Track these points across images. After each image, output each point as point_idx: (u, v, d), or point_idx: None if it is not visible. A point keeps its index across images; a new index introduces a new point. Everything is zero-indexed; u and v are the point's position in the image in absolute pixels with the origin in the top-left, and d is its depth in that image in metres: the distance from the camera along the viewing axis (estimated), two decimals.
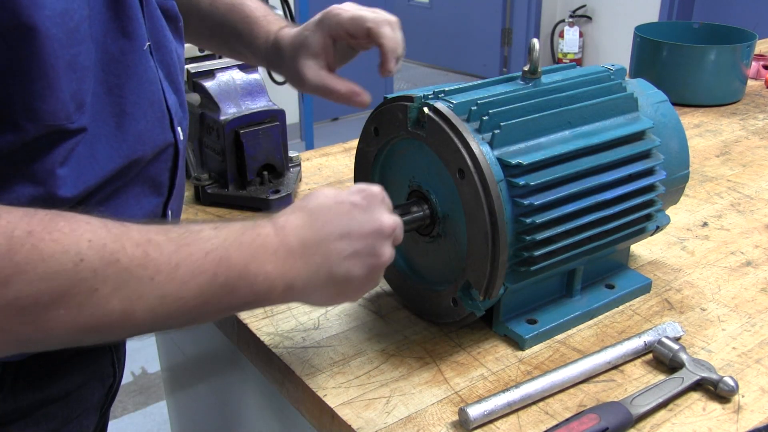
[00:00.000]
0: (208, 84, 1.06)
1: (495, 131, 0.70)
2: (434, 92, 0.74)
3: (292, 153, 1.14)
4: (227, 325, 0.86)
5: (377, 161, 0.83)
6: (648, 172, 0.81)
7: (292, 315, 0.82)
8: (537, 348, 0.77)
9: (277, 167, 1.08)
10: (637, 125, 0.80)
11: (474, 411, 0.65)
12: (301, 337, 0.78)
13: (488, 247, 0.69)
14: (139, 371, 2.32)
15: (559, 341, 0.78)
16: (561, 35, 4.99)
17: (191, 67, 1.07)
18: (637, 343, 0.75)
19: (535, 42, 0.76)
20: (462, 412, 0.66)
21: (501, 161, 0.70)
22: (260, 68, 1.10)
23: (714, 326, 0.81)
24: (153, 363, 2.32)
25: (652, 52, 1.56)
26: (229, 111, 1.04)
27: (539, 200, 0.70)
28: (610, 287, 0.85)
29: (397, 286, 0.85)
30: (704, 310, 0.84)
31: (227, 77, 1.08)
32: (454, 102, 0.72)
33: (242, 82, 1.08)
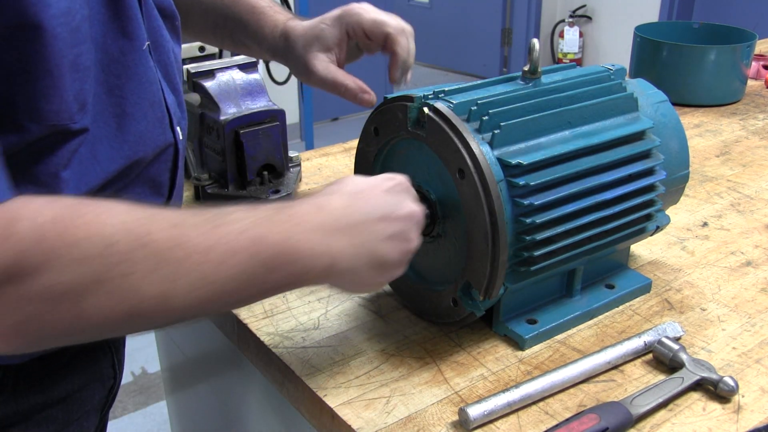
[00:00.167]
0: (208, 84, 1.06)
1: (495, 131, 0.70)
2: (434, 92, 0.74)
3: (292, 153, 1.14)
4: (227, 325, 0.86)
5: (377, 161, 0.83)
6: (648, 172, 0.81)
7: (292, 315, 0.82)
8: (537, 348, 0.77)
9: (277, 167, 1.08)
10: (637, 125, 0.80)
11: (474, 411, 0.65)
12: (301, 337, 0.78)
13: (488, 247, 0.69)
14: (139, 371, 2.32)
15: (559, 341, 0.78)
16: (561, 35, 5.00)
17: (191, 67, 1.07)
18: (637, 343, 0.75)
19: (535, 42, 0.76)
20: (462, 412, 0.66)
21: (501, 161, 0.70)
22: (260, 68, 1.11)
23: (714, 326, 0.81)
24: (153, 363, 2.32)
25: (652, 52, 1.55)
26: (229, 111, 1.04)
27: (539, 200, 0.71)
28: (610, 287, 0.85)
29: (397, 286, 0.85)
30: (704, 310, 0.84)
31: (227, 77, 1.08)
32: (454, 102, 0.72)
33: (242, 82, 1.08)
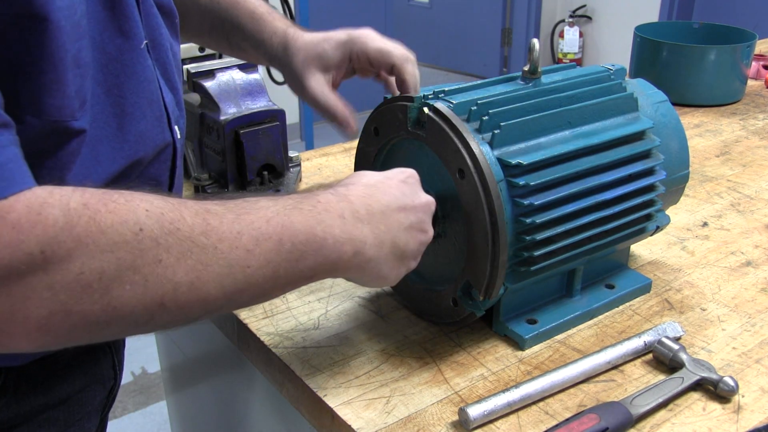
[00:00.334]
0: (208, 84, 1.06)
1: (495, 131, 0.70)
2: (434, 92, 0.74)
3: (292, 153, 1.14)
4: (227, 325, 0.86)
5: (377, 161, 0.83)
6: (648, 172, 0.81)
7: (292, 315, 0.82)
8: (537, 348, 0.77)
9: (277, 167, 1.08)
10: (637, 125, 0.80)
11: (474, 411, 0.65)
12: (301, 337, 0.78)
13: (488, 247, 0.69)
14: (139, 371, 2.32)
15: (559, 341, 0.78)
16: (561, 35, 5.00)
17: (191, 67, 1.07)
18: (637, 343, 0.75)
19: (535, 42, 0.76)
20: (462, 412, 0.66)
21: (501, 161, 0.70)
22: (260, 68, 1.10)
23: (714, 326, 0.81)
24: (153, 363, 2.32)
25: (652, 52, 1.56)
26: (229, 111, 1.04)
27: (539, 200, 0.71)
28: (610, 287, 0.85)
29: (397, 286, 0.85)
30: (704, 310, 0.84)
31: (227, 77, 1.08)
32: (454, 102, 0.72)
33: (242, 82, 1.08)
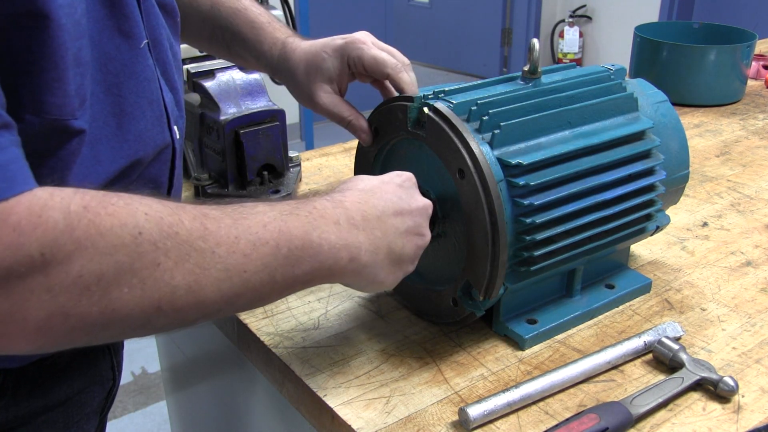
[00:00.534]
0: (208, 84, 1.06)
1: (495, 131, 0.70)
2: (434, 92, 0.74)
3: (292, 153, 1.14)
4: (227, 325, 0.86)
5: (377, 161, 0.83)
6: (648, 172, 0.81)
7: (292, 315, 0.82)
8: (537, 348, 0.77)
9: (277, 167, 1.08)
10: (637, 125, 0.80)
11: (474, 411, 0.65)
12: (301, 337, 0.78)
13: (488, 247, 0.69)
14: (139, 371, 2.32)
15: (559, 341, 0.78)
16: (561, 35, 5.00)
17: (191, 67, 1.07)
18: (637, 343, 0.75)
19: (535, 42, 0.76)
20: (462, 412, 0.66)
21: (501, 161, 0.70)
22: None
23: (714, 326, 0.81)
24: (153, 363, 2.32)
25: (652, 52, 1.56)
26: (229, 111, 1.04)
27: (539, 200, 0.71)
28: (610, 287, 0.85)
29: (397, 286, 0.84)
30: (704, 310, 0.84)
31: (227, 77, 1.08)
32: (454, 102, 0.72)
33: (242, 82, 1.08)
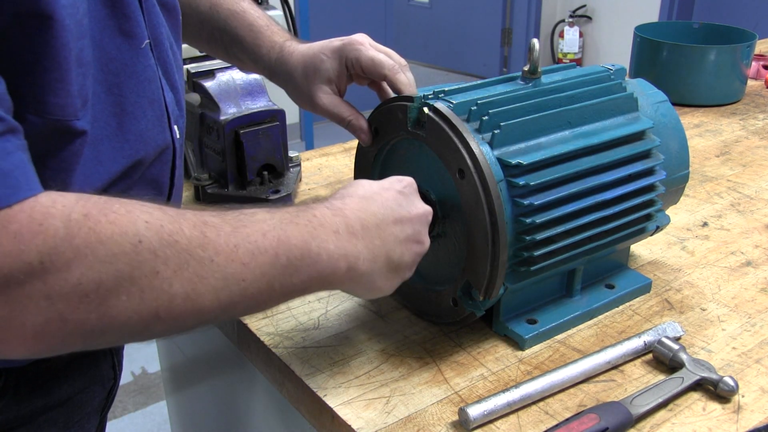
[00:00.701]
0: (208, 84, 1.06)
1: (495, 131, 0.70)
2: (434, 92, 0.74)
3: (292, 153, 1.14)
4: (227, 325, 0.86)
5: (377, 161, 0.83)
6: (648, 172, 0.81)
7: (292, 315, 0.82)
8: (537, 348, 0.77)
9: (277, 167, 1.08)
10: (637, 125, 0.80)
11: (474, 411, 0.65)
12: (301, 337, 0.78)
13: (488, 247, 0.69)
14: (139, 371, 2.32)
15: (559, 341, 0.78)
16: (561, 35, 5.00)
17: (191, 67, 1.07)
18: (637, 343, 0.75)
19: (535, 42, 0.76)
20: (462, 412, 0.66)
21: (501, 161, 0.70)
22: None
23: (714, 326, 0.81)
24: (153, 363, 2.32)
25: (652, 52, 1.56)
26: (229, 111, 1.04)
27: (539, 200, 0.71)
28: (610, 287, 0.85)
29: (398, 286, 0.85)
30: (704, 310, 0.84)
31: (227, 77, 1.08)
32: (454, 102, 0.72)
33: (242, 82, 1.08)
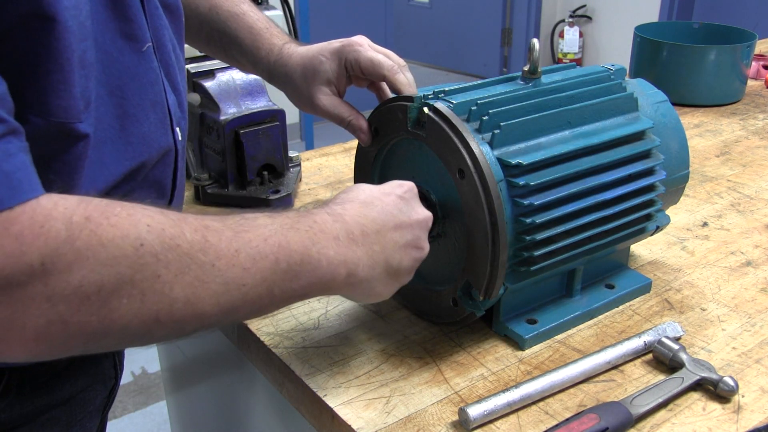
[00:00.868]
0: (208, 84, 1.06)
1: (495, 131, 0.70)
2: (434, 92, 0.74)
3: (292, 153, 1.14)
4: (227, 326, 0.86)
5: (377, 161, 0.83)
6: (648, 172, 0.81)
7: (292, 315, 0.82)
8: (537, 348, 0.77)
9: (277, 167, 1.08)
10: (637, 125, 0.80)
11: (474, 411, 0.65)
12: (301, 337, 0.78)
13: (488, 247, 0.69)
14: (139, 371, 2.32)
15: (559, 341, 0.78)
16: (561, 35, 5.00)
17: (191, 67, 1.07)
18: (637, 343, 0.75)
19: (535, 42, 0.76)
20: (462, 412, 0.66)
21: (501, 161, 0.70)
22: None
23: (714, 326, 0.81)
24: (153, 363, 2.32)
25: (652, 52, 1.56)
26: (229, 111, 1.04)
27: (539, 200, 0.71)
28: (610, 287, 0.85)
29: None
30: (704, 310, 0.84)
31: (227, 77, 1.08)
32: (454, 102, 0.72)
33: (242, 82, 1.08)
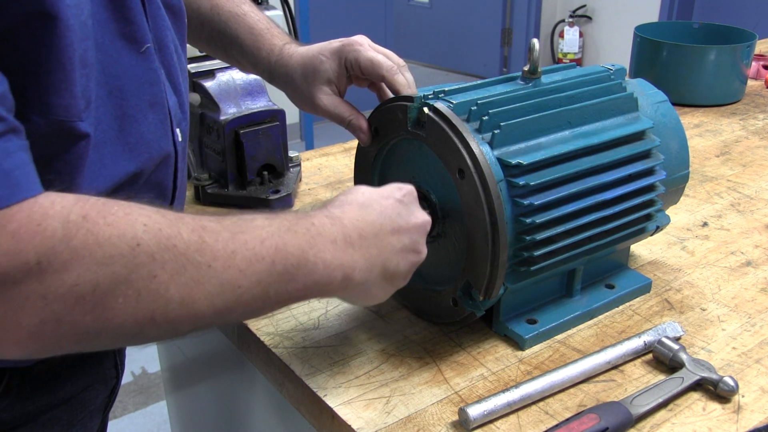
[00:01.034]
0: (208, 84, 1.06)
1: (495, 131, 0.70)
2: (434, 92, 0.74)
3: (292, 153, 1.14)
4: (227, 326, 0.86)
5: (377, 161, 0.83)
6: (648, 172, 0.81)
7: (292, 315, 0.82)
8: (537, 348, 0.77)
9: (277, 167, 1.08)
10: (637, 125, 0.80)
11: (474, 411, 0.65)
12: (301, 337, 0.78)
13: (488, 247, 0.69)
14: (139, 371, 2.32)
15: (559, 341, 0.78)
16: (561, 35, 5.00)
17: (191, 67, 1.07)
18: (637, 343, 0.75)
19: (535, 42, 0.76)
20: (462, 412, 0.66)
21: (501, 161, 0.70)
22: None
23: (714, 326, 0.81)
24: (153, 363, 2.32)
25: (652, 52, 1.56)
26: (229, 111, 1.04)
27: (539, 200, 0.71)
28: (610, 287, 0.85)
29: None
30: (704, 310, 0.84)
31: (227, 77, 1.08)
32: (454, 102, 0.72)
33: (242, 82, 1.08)
